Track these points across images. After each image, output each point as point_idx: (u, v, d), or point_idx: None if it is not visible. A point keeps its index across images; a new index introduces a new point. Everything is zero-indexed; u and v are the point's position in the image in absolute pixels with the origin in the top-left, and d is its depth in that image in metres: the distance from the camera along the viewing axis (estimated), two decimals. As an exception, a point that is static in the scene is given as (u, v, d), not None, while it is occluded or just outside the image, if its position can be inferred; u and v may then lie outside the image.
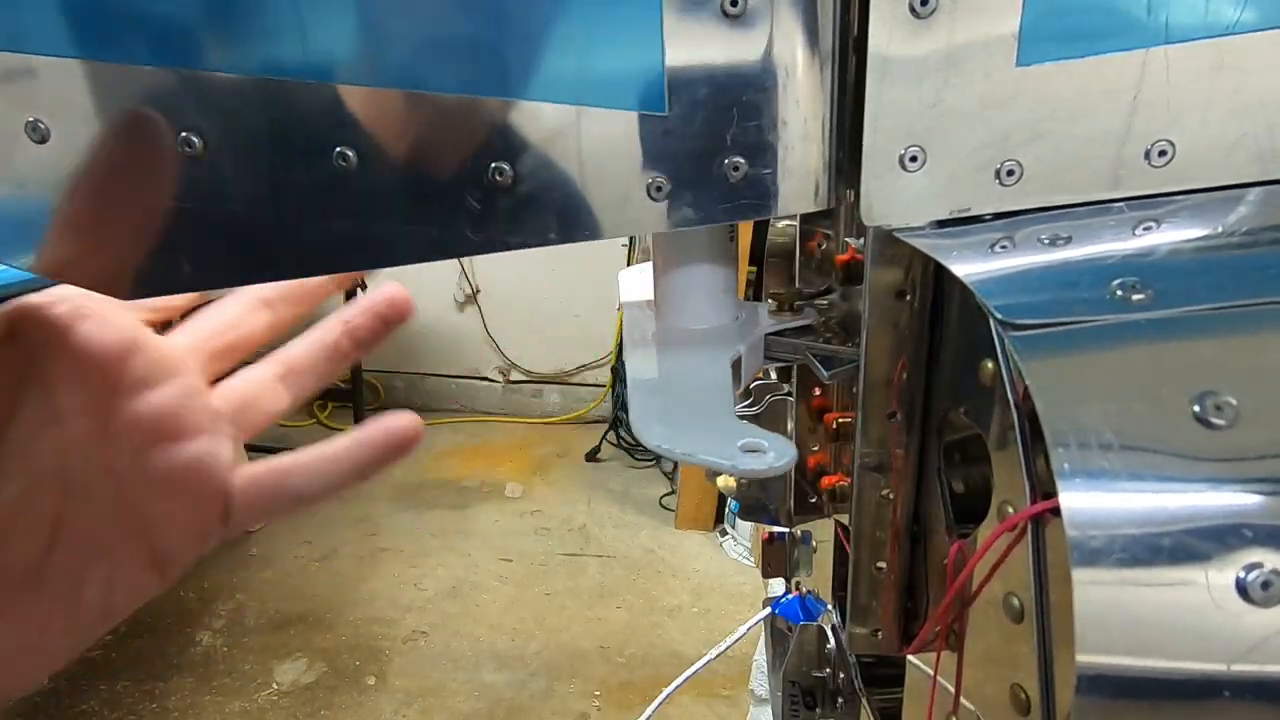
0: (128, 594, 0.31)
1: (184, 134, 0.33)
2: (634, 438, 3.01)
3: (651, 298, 0.47)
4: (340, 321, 0.36)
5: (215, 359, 0.34)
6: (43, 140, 0.33)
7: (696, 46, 0.33)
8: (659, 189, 0.35)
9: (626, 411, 0.39)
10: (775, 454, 0.29)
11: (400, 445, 0.34)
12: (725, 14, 0.32)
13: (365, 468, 0.33)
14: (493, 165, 0.35)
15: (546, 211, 0.36)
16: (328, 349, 0.36)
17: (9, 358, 0.28)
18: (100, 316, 0.30)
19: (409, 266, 0.36)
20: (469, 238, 0.36)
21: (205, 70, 0.33)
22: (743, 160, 0.34)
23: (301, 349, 0.36)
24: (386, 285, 0.36)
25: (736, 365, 0.43)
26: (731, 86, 0.33)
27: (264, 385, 0.34)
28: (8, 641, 0.28)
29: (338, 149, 0.34)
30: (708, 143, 0.34)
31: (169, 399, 0.30)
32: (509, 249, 0.36)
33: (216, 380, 0.34)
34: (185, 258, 0.35)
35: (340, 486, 0.33)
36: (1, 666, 0.28)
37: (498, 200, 0.35)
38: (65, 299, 0.29)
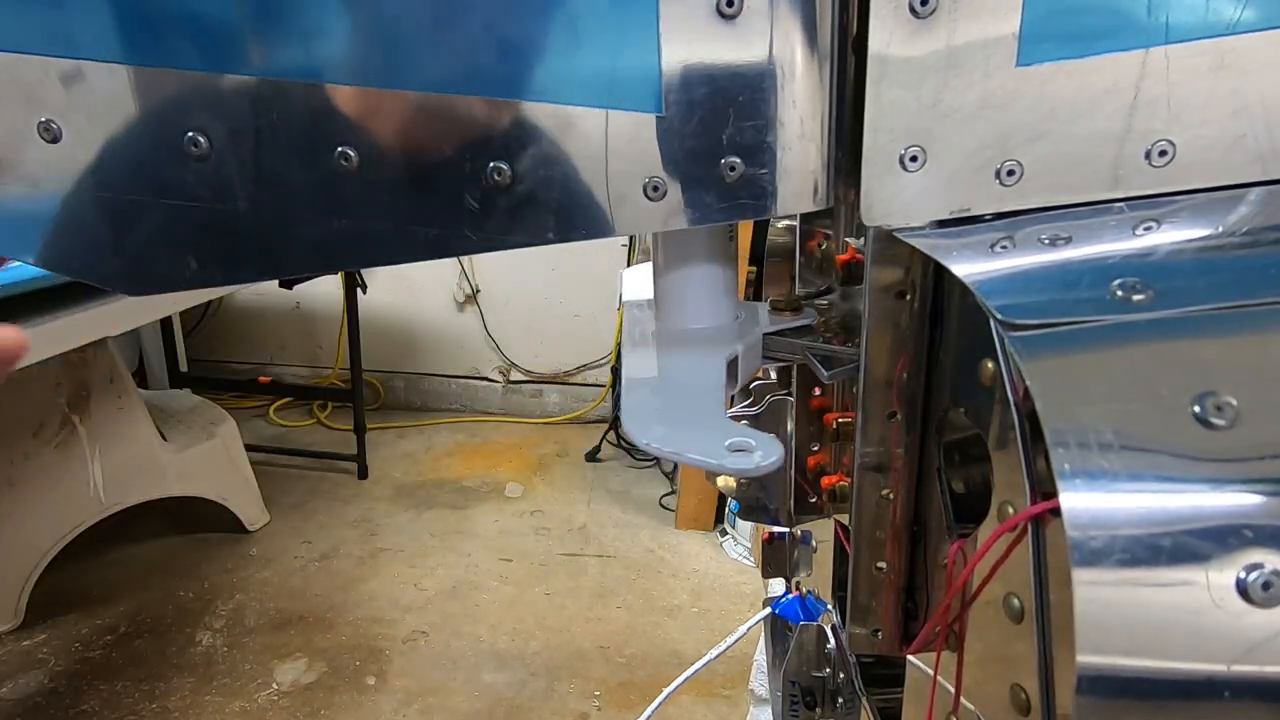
0: None
1: (190, 134, 0.33)
2: (634, 438, 3.01)
3: (652, 297, 0.47)
4: None
5: None
6: (54, 140, 0.33)
7: (692, 47, 0.33)
8: (655, 189, 0.35)
9: (626, 411, 0.39)
10: (762, 453, 0.29)
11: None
12: (721, 14, 0.32)
13: None
14: (491, 165, 0.35)
15: (544, 211, 0.36)
16: None
17: None
18: None
19: (409, 265, 0.37)
20: (468, 236, 0.36)
21: (212, 72, 0.33)
22: (739, 160, 0.34)
23: None
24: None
25: (733, 365, 0.43)
26: (728, 87, 0.34)
27: None
28: None
29: (339, 149, 0.34)
30: (704, 143, 0.34)
31: None
32: (507, 248, 0.37)
33: None
34: (191, 255, 0.35)
35: None
36: None
37: (496, 199, 0.36)
38: None
